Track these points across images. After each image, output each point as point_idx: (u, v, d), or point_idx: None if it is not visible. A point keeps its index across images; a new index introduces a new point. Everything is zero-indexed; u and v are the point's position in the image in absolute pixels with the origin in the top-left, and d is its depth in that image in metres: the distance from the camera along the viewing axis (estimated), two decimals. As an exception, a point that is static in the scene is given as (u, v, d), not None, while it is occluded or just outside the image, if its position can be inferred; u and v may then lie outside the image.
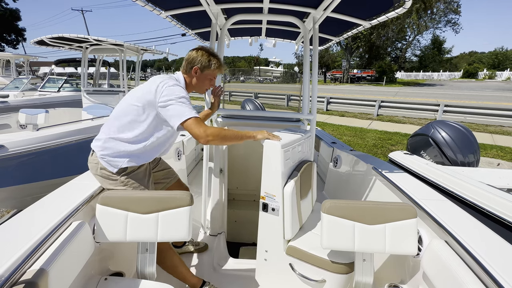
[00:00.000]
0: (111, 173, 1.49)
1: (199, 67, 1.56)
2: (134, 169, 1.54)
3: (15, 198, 3.26)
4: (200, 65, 1.56)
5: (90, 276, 1.37)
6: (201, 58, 1.56)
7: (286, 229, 1.56)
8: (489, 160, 4.54)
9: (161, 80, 1.45)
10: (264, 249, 1.66)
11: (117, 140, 1.48)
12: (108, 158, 1.48)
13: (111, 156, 1.48)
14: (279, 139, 1.53)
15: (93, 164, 1.53)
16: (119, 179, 1.50)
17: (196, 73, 1.58)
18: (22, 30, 37.17)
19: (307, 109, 2.13)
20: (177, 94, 1.40)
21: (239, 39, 3.32)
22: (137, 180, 1.54)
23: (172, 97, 1.39)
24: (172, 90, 1.41)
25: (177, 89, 1.43)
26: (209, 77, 1.62)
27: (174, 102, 1.38)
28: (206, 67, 1.57)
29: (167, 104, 1.38)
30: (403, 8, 1.62)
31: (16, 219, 1.21)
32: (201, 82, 1.61)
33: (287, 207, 1.53)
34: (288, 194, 1.52)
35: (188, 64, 1.57)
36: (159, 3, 1.94)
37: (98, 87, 7.64)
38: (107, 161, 1.48)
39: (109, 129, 1.50)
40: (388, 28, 29.67)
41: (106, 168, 1.49)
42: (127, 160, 1.49)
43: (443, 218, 1.37)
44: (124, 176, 1.51)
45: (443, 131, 3.00)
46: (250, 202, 2.70)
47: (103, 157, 1.48)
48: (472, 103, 12.15)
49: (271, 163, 1.54)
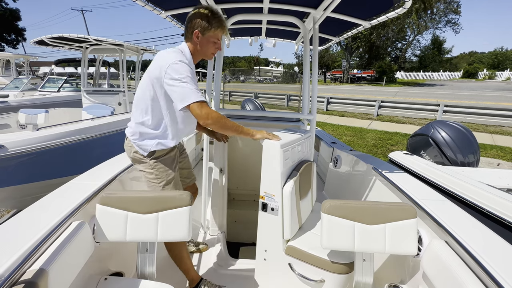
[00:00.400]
0: (142, 156, 1.55)
1: (199, 30, 1.44)
2: (163, 154, 1.58)
3: (15, 198, 3.26)
4: (200, 27, 1.44)
5: (90, 276, 1.37)
6: (200, 20, 1.43)
7: (285, 229, 1.56)
8: (489, 160, 4.55)
9: (165, 56, 1.40)
10: (264, 248, 1.66)
11: (141, 125, 1.51)
12: (138, 143, 1.54)
13: (140, 140, 1.53)
14: (279, 139, 1.53)
15: (127, 147, 1.60)
16: (148, 161, 1.56)
17: (198, 38, 1.47)
18: (22, 30, 37.19)
19: (307, 109, 2.13)
20: (180, 74, 1.33)
21: (239, 39, 3.32)
22: (165, 165, 1.58)
23: (176, 77, 1.33)
24: (175, 69, 1.34)
25: (180, 67, 1.35)
26: (212, 40, 1.49)
27: (178, 83, 1.33)
28: (206, 29, 1.44)
29: (171, 85, 1.34)
30: (403, 8, 1.62)
31: (16, 219, 1.21)
32: (205, 47, 1.50)
33: (286, 207, 1.53)
34: (287, 194, 1.52)
35: (189, 30, 1.47)
36: (159, 3, 1.94)
37: (98, 87, 7.63)
38: (138, 145, 1.54)
39: (134, 116, 1.55)
40: (388, 28, 29.66)
41: (138, 152, 1.55)
42: (155, 143, 1.53)
43: (443, 218, 1.37)
44: (153, 160, 1.56)
45: (443, 131, 3.00)
46: (250, 202, 2.70)
47: (134, 141, 1.55)
48: (472, 103, 12.16)
49: (270, 163, 1.54)
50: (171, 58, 1.37)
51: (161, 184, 1.57)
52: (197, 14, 1.44)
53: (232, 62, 70.10)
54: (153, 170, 1.56)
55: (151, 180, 1.57)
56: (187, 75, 1.35)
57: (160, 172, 1.57)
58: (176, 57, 1.38)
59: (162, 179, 1.57)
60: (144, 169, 1.58)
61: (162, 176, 1.57)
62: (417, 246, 1.35)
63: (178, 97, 1.34)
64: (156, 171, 1.56)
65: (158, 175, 1.57)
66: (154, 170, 1.56)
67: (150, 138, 1.53)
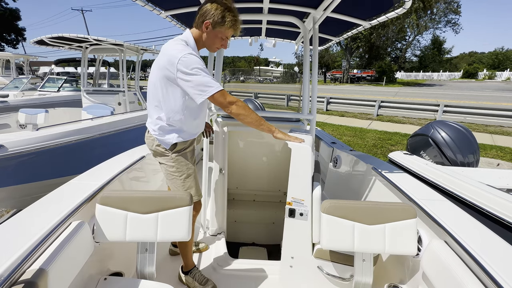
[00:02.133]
0: (165, 149, 1.58)
1: (210, 22, 1.40)
2: (183, 147, 1.60)
3: (15, 198, 3.26)
4: (212, 20, 1.40)
5: (90, 276, 1.37)
6: (215, 12, 1.38)
7: (316, 233, 1.57)
8: (489, 160, 4.54)
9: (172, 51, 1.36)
10: (290, 255, 1.65)
11: (159, 120, 1.52)
12: (160, 138, 1.56)
13: (161, 136, 1.55)
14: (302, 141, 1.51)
15: (149, 140, 1.61)
16: (170, 155, 1.58)
17: (207, 29, 1.43)
18: (22, 29, 37.16)
19: (307, 109, 2.13)
20: (192, 67, 1.32)
21: (239, 39, 3.32)
22: (186, 159, 1.61)
23: (189, 71, 1.32)
24: (186, 63, 1.32)
25: (190, 60, 1.32)
26: (221, 36, 1.46)
27: (192, 77, 1.32)
28: (218, 23, 1.41)
29: (187, 80, 1.33)
30: (403, 8, 1.62)
31: (15, 218, 1.21)
32: (211, 40, 1.47)
33: (316, 210, 1.53)
34: (317, 198, 1.53)
35: (200, 17, 1.42)
36: (159, 3, 1.94)
37: (98, 87, 7.63)
38: (160, 140, 1.56)
39: (150, 112, 1.57)
40: (388, 28, 29.65)
41: (160, 145, 1.57)
42: (176, 136, 1.54)
43: (443, 218, 1.37)
44: (175, 154, 1.58)
45: (443, 131, 3.00)
46: (250, 202, 2.70)
47: (156, 136, 1.56)
48: (471, 103, 12.16)
49: (301, 167, 1.53)
50: (179, 52, 1.34)
51: (182, 177, 1.61)
52: (213, 5, 1.39)
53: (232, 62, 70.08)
54: (174, 164, 1.59)
55: (172, 173, 1.60)
56: (198, 67, 1.33)
57: (181, 166, 1.60)
58: (183, 49, 1.35)
59: (183, 172, 1.61)
60: (165, 162, 1.61)
61: (183, 170, 1.61)
62: (417, 246, 1.35)
63: (197, 90, 1.34)
64: (178, 165, 1.59)
65: (179, 168, 1.60)
66: (175, 163, 1.59)
67: (170, 132, 1.55)
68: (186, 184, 1.62)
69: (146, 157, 2.22)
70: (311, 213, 1.55)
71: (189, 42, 1.44)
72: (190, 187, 1.62)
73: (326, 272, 1.54)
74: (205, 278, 1.77)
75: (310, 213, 1.55)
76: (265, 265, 1.94)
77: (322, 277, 1.57)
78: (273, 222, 2.53)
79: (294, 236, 1.62)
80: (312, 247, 1.61)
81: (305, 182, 1.54)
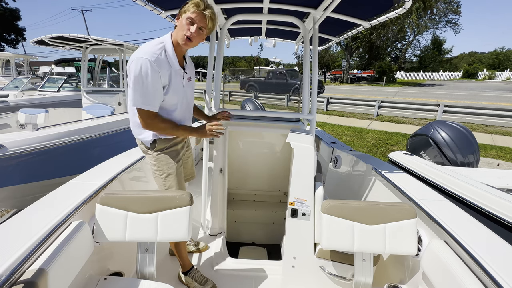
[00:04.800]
0: (147, 147, 1.61)
1: (179, 12, 1.42)
2: (166, 146, 1.60)
3: (15, 198, 3.26)
4: (180, 10, 1.42)
5: (90, 276, 1.37)
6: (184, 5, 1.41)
7: (318, 232, 1.57)
8: (489, 160, 4.55)
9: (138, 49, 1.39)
10: (292, 256, 1.65)
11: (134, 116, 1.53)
12: (138, 136, 1.60)
13: (138, 134, 1.59)
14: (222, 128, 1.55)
15: (137, 140, 1.65)
16: (152, 153, 1.61)
17: (178, 21, 1.44)
18: (22, 29, 37.15)
19: (307, 109, 2.13)
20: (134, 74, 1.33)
21: (239, 39, 3.32)
22: (168, 157, 1.61)
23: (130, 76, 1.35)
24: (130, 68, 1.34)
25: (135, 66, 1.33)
26: (188, 20, 1.38)
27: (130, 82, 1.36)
28: (183, 11, 1.40)
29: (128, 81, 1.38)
30: (403, 8, 1.62)
31: (15, 218, 1.21)
32: (180, 29, 1.41)
33: (318, 210, 1.54)
34: (319, 197, 1.53)
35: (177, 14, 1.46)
36: (159, 3, 1.94)
37: (98, 87, 7.63)
38: (139, 138, 1.61)
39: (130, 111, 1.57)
40: (388, 28, 29.65)
41: (143, 144, 1.62)
42: (151, 134, 1.55)
43: (443, 218, 1.37)
44: (156, 152, 1.60)
45: (443, 131, 3.00)
46: (249, 202, 2.70)
47: (135, 134, 1.61)
48: (471, 103, 12.18)
49: (302, 167, 1.54)
50: (136, 53, 1.35)
51: (163, 176, 1.61)
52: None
53: (232, 62, 70.00)
54: (155, 162, 1.61)
55: (154, 171, 1.64)
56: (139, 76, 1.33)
57: (161, 165, 1.61)
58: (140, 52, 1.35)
59: (163, 171, 1.61)
60: (149, 160, 1.65)
61: (164, 169, 1.61)
62: (417, 246, 1.35)
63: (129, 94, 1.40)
64: (159, 163, 1.61)
65: (160, 167, 1.61)
66: (156, 162, 1.61)
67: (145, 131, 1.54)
68: (167, 183, 1.62)
69: (146, 157, 2.22)
70: (314, 213, 1.55)
71: (166, 42, 1.44)
72: (171, 186, 1.62)
73: (328, 272, 1.54)
74: (204, 278, 1.77)
75: (313, 213, 1.55)
76: (265, 265, 1.95)
77: (324, 277, 1.57)
78: (273, 222, 2.53)
79: (296, 236, 1.62)
80: (314, 247, 1.61)
81: (307, 182, 1.54)
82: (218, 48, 2.14)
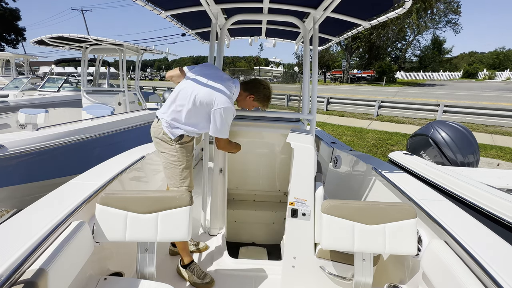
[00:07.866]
0: (170, 139, 1.76)
1: (254, 97, 1.89)
2: (186, 141, 1.81)
3: (15, 198, 3.26)
4: (256, 100, 1.91)
5: (90, 276, 1.37)
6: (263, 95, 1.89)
7: (318, 232, 1.57)
8: (489, 160, 4.55)
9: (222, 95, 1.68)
10: (292, 256, 1.64)
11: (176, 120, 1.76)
12: (169, 129, 1.76)
13: (170, 127, 1.76)
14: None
15: (157, 129, 1.79)
16: (174, 145, 1.77)
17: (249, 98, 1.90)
18: (22, 29, 37.14)
19: (307, 109, 2.13)
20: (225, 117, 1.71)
21: (239, 39, 3.32)
22: (187, 151, 1.82)
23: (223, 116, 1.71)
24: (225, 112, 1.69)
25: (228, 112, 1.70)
26: (254, 105, 1.97)
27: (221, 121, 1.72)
28: (257, 101, 1.92)
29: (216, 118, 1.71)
30: (403, 8, 1.62)
31: (15, 218, 1.21)
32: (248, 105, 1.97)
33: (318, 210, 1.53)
34: (319, 197, 1.53)
35: (251, 88, 1.87)
36: (159, 3, 1.94)
37: (98, 87, 7.63)
38: (169, 131, 1.76)
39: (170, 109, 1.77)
40: (388, 28, 29.62)
41: (167, 134, 1.76)
42: (182, 131, 1.77)
43: (443, 218, 1.37)
44: (179, 144, 1.78)
45: (443, 131, 3.00)
46: (249, 202, 2.70)
47: (166, 127, 1.76)
48: (471, 103, 12.17)
49: (303, 167, 1.54)
50: (226, 101, 1.67)
51: (181, 167, 1.78)
52: (265, 91, 1.89)
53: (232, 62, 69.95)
54: (176, 153, 1.77)
55: (172, 162, 1.77)
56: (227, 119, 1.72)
57: (182, 156, 1.79)
58: (228, 101, 1.70)
59: (183, 162, 1.78)
60: (168, 151, 1.78)
61: (183, 160, 1.79)
62: (417, 246, 1.35)
63: (215, 128, 1.72)
64: (179, 154, 1.78)
65: (180, 158, 1.78)
66: (177, 153, 1.77)
67: (179, 128, 1.76)
68: (183, 174, 1.78)
69: (146, 157, 2.22)
70: (314, 213, 1.55)
71: (234, 95, 1.83)
72: (186, 178, 1.79)
73: (328, 272, 1.54)
74: (203, 273, 1.80)
75: (313, 213, 1.55)
76: (265, 265, 1.95)
77: (324, 277, 1.57)
78: (273, 222, 2.53)
79: (296, 236, 1.62)
80: (314, 247, 1.61)
81: (307, 182, 1.54)
82: (218, 48, 2.14)
